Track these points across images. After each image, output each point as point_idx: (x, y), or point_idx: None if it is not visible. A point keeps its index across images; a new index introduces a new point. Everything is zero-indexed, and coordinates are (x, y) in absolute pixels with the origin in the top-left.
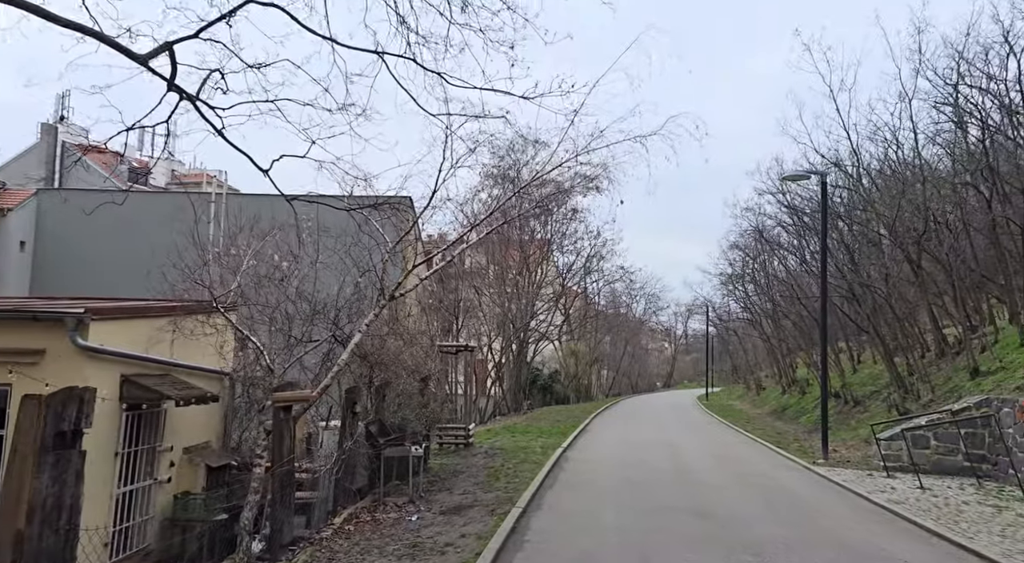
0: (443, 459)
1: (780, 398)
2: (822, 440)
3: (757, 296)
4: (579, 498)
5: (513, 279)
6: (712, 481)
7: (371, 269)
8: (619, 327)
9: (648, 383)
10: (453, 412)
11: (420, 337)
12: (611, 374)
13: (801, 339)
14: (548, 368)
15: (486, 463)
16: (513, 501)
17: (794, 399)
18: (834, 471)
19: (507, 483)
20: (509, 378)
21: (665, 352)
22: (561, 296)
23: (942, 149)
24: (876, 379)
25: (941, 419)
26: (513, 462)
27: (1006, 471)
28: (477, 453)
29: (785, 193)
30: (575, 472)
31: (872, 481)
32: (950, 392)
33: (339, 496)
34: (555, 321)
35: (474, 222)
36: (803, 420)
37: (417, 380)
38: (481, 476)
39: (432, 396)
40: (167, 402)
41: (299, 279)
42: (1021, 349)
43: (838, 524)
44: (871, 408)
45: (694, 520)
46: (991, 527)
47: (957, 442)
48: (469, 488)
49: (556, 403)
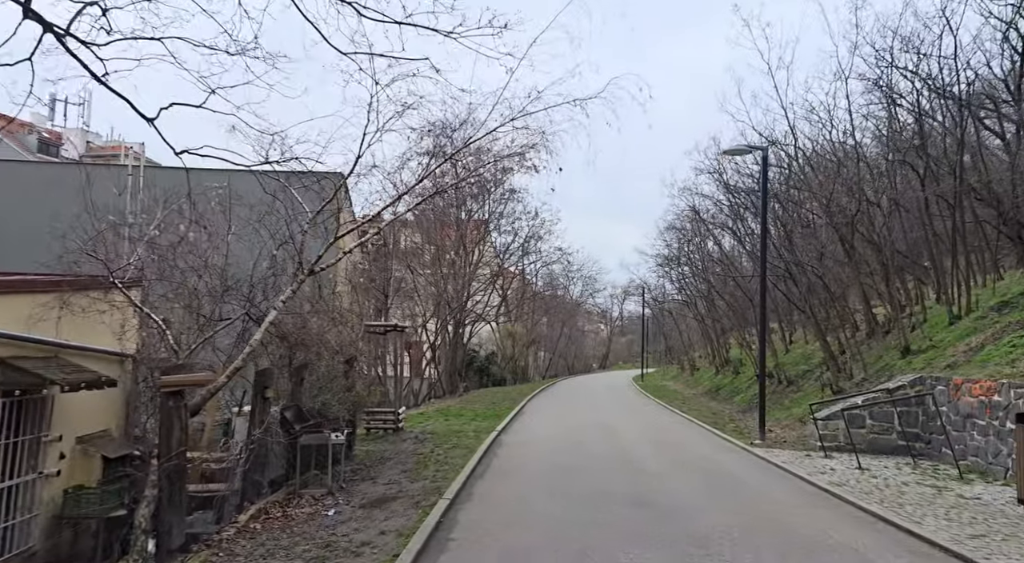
0: (370, 445)
1: (714, 378)
2: (759, 421)
3: (692, 277)
4: (512, 486)
5: (449, 259)
6: (651, 466)
7: (288, 241)
8: (556, 309)
9: (584, 364)
10: (384, 395)
11: (348, 316)
12: (548, 356)
13: (734, 319)
14: (485, 350)
15: (415, 449)
16: (441, 491)
17: (727, 379)
18: (772, 452)
19: (436, 471)
20: (445, 360)
21: (601, 334)
22: (498, 276)
23: (876, 129)
24: (808, 359)
25: (877, 398)
26: (444, 448)
27: (939, 449)
28: (407, 438)
29: (722, 173)
30: (509, 457)
31: (811, 462)
32: (882, 371)
33: (248, 489)
34: (492, 302)
35: (403, 191)
36: (737, 400)
37: (342, 362)
38: (409, 463)
39: (358, 378)
40: (52, 387)
41: (209, 252)
42: (950, 328)
43: (782, 510)
44: (804, 388)
45: (634, 510)
46: (935, 510)
47: (892, 421)
48: (395, 477)
49: (493, 385)
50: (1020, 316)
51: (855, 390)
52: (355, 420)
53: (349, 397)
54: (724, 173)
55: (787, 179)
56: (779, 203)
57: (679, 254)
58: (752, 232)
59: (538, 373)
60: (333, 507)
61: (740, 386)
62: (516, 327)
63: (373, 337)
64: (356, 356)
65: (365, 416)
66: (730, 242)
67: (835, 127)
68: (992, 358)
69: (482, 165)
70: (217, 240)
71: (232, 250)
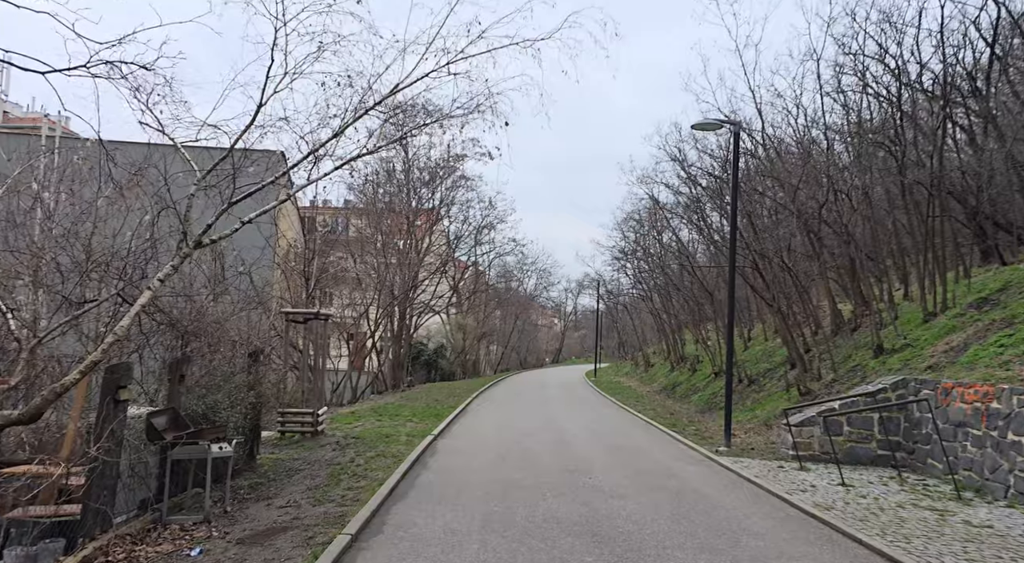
0: (282, 452)
1: (669, 375)
2: (725, 426)
3: (649, 270)
4: (439, 512)
5: (395, 246)
6: (609, 482)
7: (171, 207)
8: (510, 302)
9: (537, 359)
10: (310, 393)
11: (268, 302)
12: (500, 349)
13: (691, 314)
14: (434, 342)
15: (333, 458)
16: (345, 520)
17: (684, 376)
18: (741, 462)
19: (349, 487)
20: (387, 353)
21: (555, 328)
22: (447, 262)
23: (847, 113)
24: (770, 356)
25: (856, 402)
26: (367, 456)
27: (924, 460)
28: (327, 443)
29: (683, 160)
30: (442, 470)
31: (786, 476)
32: (853, 371)
33: (88, 520)
34: (441, 291)
35: (314, 148)
36: (695, 399)
37: (245, 354)
38: (321, 477)
39: (268, 374)
40: None
41: (72, 219)
42: (925, 326)
43: (771, 548)
44: (767, 387)
45: (591, 547)
46: (950, 546)
47: (871, 428)
48: (297, 497)
49: (441, 380)
50: (1003, 314)
51: (824, 392)
52: (259, 424)
53: (249, 397)
54: (685, 161)
55: (755, 166)
56: (744, 191)
57: (636, 246)
58: (711, 224)
59: (490, 367)
60: (201, 543)
61: (697, 384)
62: (467, 319)
63: (307, 328)
64: (263, 348)
65: (280, 417)
66: (688, 234)
67: (803, 111)
68: (980, 359)
69: (419, 126)
70: (85, 205)
71: (109, 219)
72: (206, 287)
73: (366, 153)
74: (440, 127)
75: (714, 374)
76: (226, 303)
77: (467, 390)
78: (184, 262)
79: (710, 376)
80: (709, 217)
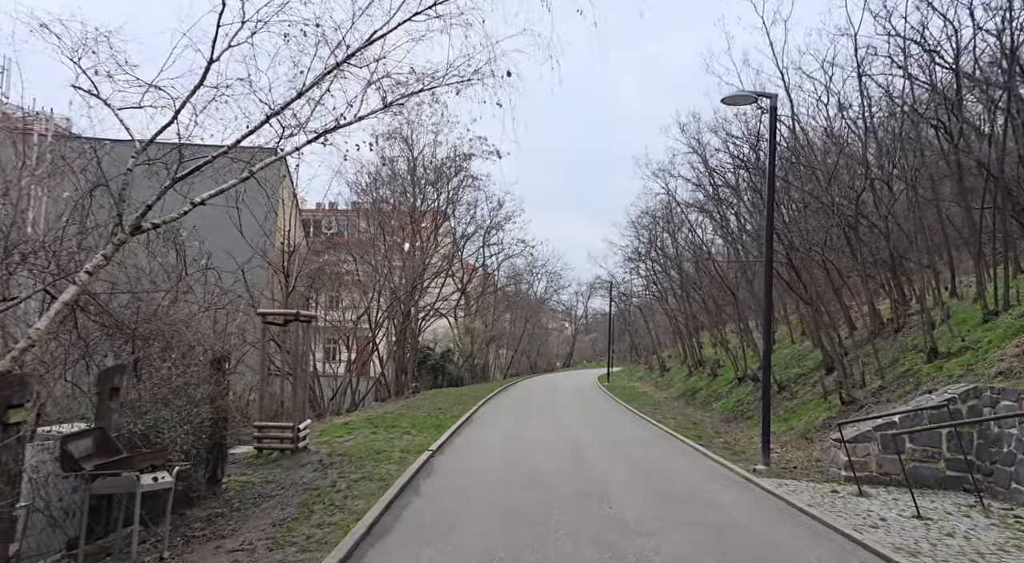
0: (256, 473)
1: (687, 380)
2: (763, 441)
3: (664, 270)
4: (425, 557)
5: (399, 247)
6: (633, 511)
7: (103, 185)
8: (519, 304)
9: (548, 363)
10: (308, 404)
11: (237, 301)
12: (510, 353)
13: (709, 315)
14: (441, 347)
15: (312, 480)
16: None
17: (704, 381)
18: (785, 484)
19: (320, 523)
20: (391, 357)
21: (565, 332)
22: (453, 260)
23: (890, 95)
24: (800, 360)
25: (920, 416)
26: (351, 478)
27: (1007, 484)
28: (308, 462)
29: (703, 153)
30: (435, 496)
31: (845, 504)
32: (903, 377)
33: None
34: (447, 293)
35: (275, 110)
36: (717, 406)
37: (207, 361)
38: (292, 506)
39: (233, 384)
40: None
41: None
42: (986, 326)
43: None
44: (800, 394)
45: None
46: None
47: (939, 445)
48: (255, 537)
49: (449, 385)
50: None
51: (872, 401)
52: (224, 443)
53: (204, 412)
54: (705, 152)
55: (784, 154)
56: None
57: (650, 244)
58: (739, 215)
59: (500, 371)
60: None
61: (720, 390)
62: (476, 323)
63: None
64: (229, 354)
65: (256, 432)
66: (705, 233)
67: (835, 94)
68: None
69: (408, 95)
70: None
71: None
72: (166, 283)
73: (347, 123)
74: (433, 95)
75: (737, 379)
76: (191, 303)
77: (474, 397)
78: (118, 251)
79: (733, 381)
80: (736, 207)
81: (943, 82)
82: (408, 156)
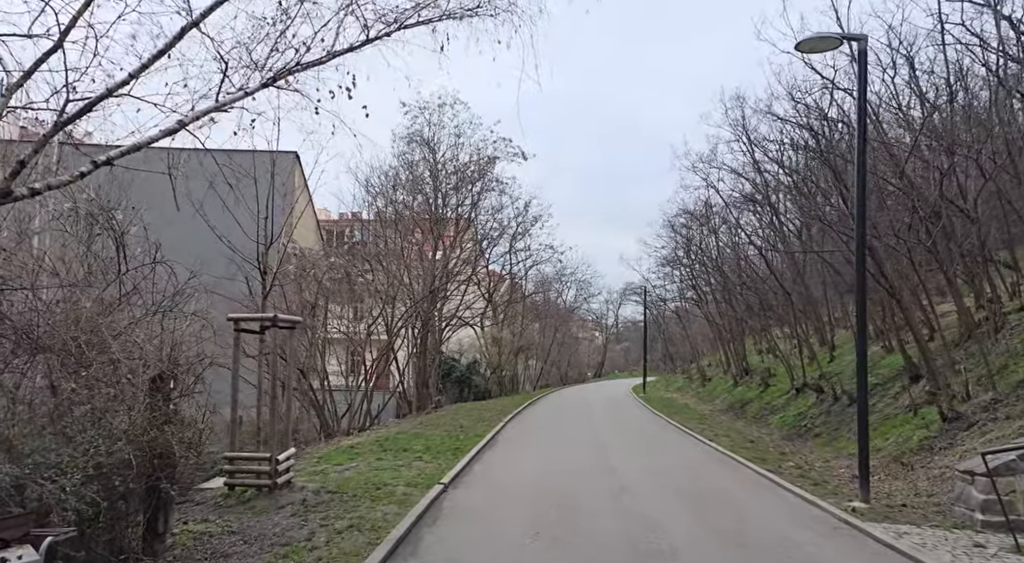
0: (221, 518)
1: (733, 391)
2: (860, 472)
3: (704, 272)
4: None
5: (420, 254)
6: None
7: None
8: (548, 314)
9: (579, 373)
10: (303, 427)
11: (206, 308)
12: (540, 364)
13: (756, 318)
14: (467, 358)
15: (284, 532)
16: None
17: (753, 392)
18: (905, 533)
19: None
20: (412, 370)
21: (596, 341)
22: (477, 264)
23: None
24: (872, 367)
25: None
26: (335, 527)
27: None
28: (288, 503)
29: (751, 140)
30: (439, 556)
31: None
32: (1020, 388)
33: None
34: (469, 300)
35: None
36: (775, 421)
37: (143, 382)
38: None
39: (175, 410)
40: None
41: None
42: None
43: None
44: (879, 407)
45: None
46: None
47: None
48: None
49: (475, 398)
50: None
51: (985, 417)
52: (168, 485)
53: (122, 449)
54: (752, 133)
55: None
56: (844, 161)
57: (688, 245)
58: (817, 204)
59: (529, 383)
60: None
61: (773, 402)
62: (503, 332)
63: (274, 340)
64: (174, 372)
65: (227, 464)
66: (749, 229)
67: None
68: None
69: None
70: None
71: None
72: (97, 279)
73: (314, 62)
74: (433, 32)
75: (795, 390)
76: (135, 306)
77: (500, 412)
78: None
79: (788, 392)
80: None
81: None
82: (430, 159)
